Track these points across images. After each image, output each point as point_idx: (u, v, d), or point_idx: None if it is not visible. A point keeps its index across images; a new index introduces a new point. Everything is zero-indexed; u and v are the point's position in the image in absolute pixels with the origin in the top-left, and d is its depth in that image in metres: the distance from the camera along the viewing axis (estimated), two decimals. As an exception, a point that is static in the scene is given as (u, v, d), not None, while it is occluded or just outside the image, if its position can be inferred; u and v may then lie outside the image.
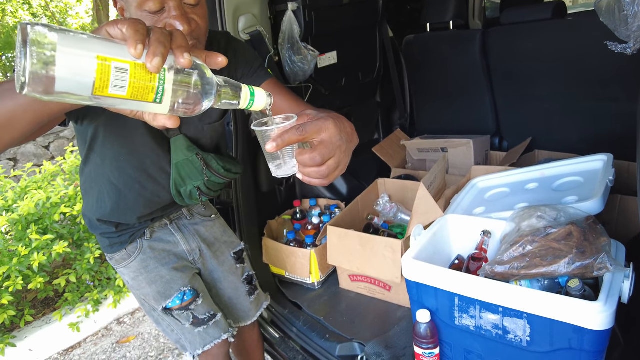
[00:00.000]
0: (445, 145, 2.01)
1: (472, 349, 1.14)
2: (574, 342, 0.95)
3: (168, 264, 1.20)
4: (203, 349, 1.24)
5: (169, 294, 1.19)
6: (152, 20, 0.83)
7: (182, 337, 1.25)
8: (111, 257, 1.18)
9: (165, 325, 1.25)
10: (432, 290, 1.12)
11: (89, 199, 1.12)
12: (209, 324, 1.24)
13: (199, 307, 1.23)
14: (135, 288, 1.21)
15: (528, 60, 1.88)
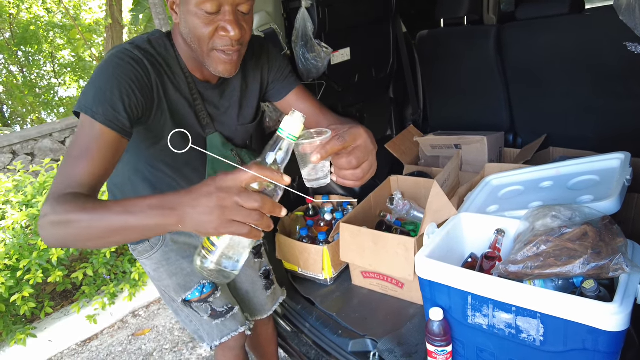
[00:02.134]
0: (459, 141, 2.00)
1: (485, 348, 1.14)
2: (588, 343, 0.95)
3: (189, 257, 1.23)
4: (220, 341, 1.27)
5: (188, 286, 1.22)
6: (206, 19, 0.88)
7: (200, 328, 1.28)
8: (134, 248, 1.21)
9: (184, 316, 1.29)
10: (446, 288, 1.13)
11: (119, 193, 1.15)
12: (227, 316, 1.27)
13: (217, 299, 1.26)
14: (157, 279, 1.24)
15: (544, 56, 1.85)
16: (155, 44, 0.96)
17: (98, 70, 0.88)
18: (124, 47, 0.91)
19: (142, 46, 0.93)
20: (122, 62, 0.87)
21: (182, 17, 0.92)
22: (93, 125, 0.81)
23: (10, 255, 2.06)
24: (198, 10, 0.87)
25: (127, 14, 8.13)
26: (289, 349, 1.58)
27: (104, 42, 9.25)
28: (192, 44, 0.93)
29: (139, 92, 0.88)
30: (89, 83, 0.87)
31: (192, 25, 0.90)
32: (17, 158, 4.10)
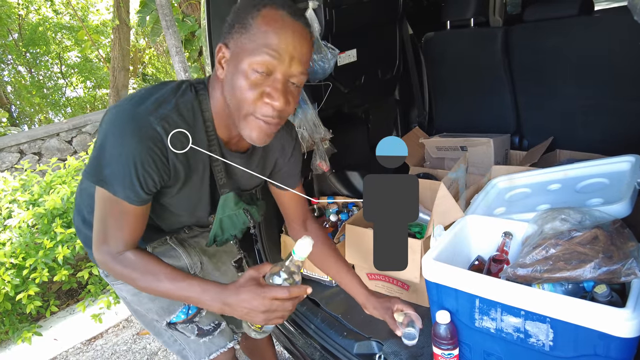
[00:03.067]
0: (465, 143, 1.99)
1: (492, 352, 1.13)
2: (599, 349, 0.93)
3: None
4: (209, 358, 1.23)
5: (172, 310, 1.16)
6: (254, 81, 0.84)
7: (185, 347, 1.23)
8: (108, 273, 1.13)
9: (167, 336, 1.22)
10: (453, 291, 1.12)
11: None
12: (214, 333, 1.23)
13: (203, 318, 1.21)
14: (136, 303, 1.16)
15: (552, 58, 1.84)
16: (182, 110, 0.89)
17: (115, 138, 0.83)
18: (147, 120, 0.83)
19: (167, 117, 0.85)
20: (141, 145, 0.82)
21: (229, 74, 0.87)
22: (117, 201, 0.88)
23: (17, 254, 2.07)
24: (249, 70, 0.83)
25: (134, 16, 8.17)
26: (293, 350, 1.57)
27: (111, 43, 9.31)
28: (231, 104, 0.88)
29: (156, 176, 0.87)
30: (104, 151, 0.83)
31: (237, 85, 0.85)
32: (24, 157, 4.12)
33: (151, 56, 11.88)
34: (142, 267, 0.93)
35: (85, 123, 4.55)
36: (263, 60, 0.82)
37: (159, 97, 0.87)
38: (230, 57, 0.87)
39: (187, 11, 7.12)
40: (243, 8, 0.86)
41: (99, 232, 0.93)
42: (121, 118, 0.83)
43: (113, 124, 0.84)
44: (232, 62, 0.86)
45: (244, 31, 0.84)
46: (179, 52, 4.52)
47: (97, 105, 11.23)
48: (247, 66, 0.83)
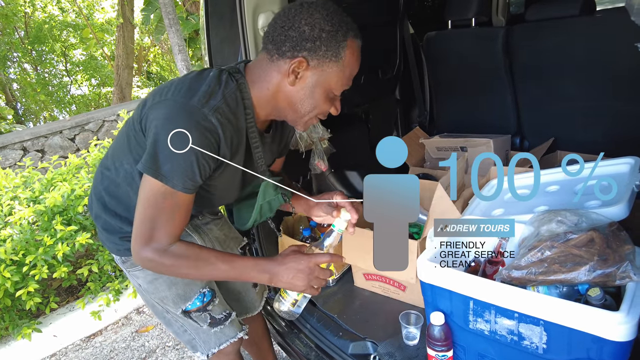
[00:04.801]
0: (465, 144, 1.98)
1: (486, 354, 1.12)
2: (592, 353, 0.93)
3: None
4: (219, 348, 1.26)
5: (188, 296, 1.19)
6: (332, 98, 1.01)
7: (195, 337, 1.26)
8: (127, 259, 1.16)
9: (177, 326, 1.25)
10: (447, 293, 1.11)
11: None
12: (225, 323, 1.26)
13: (216, 307, 1.25)
14: (151, 292, 1.19)
15: (554, 59, 1.82)
16: (229, 100, 0.95)
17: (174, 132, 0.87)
18: (202, 113, 0.89)
19: (219, 108, 0.91)
20: (201, 136, 0.89)
21: (307, 86, 0.97)
22: (174, 194, 0.93)
23: (17, 251, 2.08)
24: (333, 89, 0.98)
25: (138, 14, 8.20)
26: (289, 349, 1.57)
27: (116, 41, 9.35)
28: (301, 108, 1.00)
29: (212, 163, 0.95)
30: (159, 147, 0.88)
31: (317, 98, 0.98)
32: (27, 154, 4.15)
33: (155, 54, 11.93)
34: (193, 256, 0.98)
35: (88, 121, 4.58)
36: (347, 84, 1.00)
37: (206, 89, 0.92)
38: (312, 73, 0.96)
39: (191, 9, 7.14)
40: (333, 33, 0.93)
41: (146, 230, 0.94)
42: (177, 112, 0.89)
43: (168, 118, 0.89)
44: (314, 77, 0.96)
45: (334, 58, 0.95)
46: (181, 50, 4.53)
47: (101, 102, 11.29)
48: (333, 86, 0.98)
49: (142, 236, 0.95)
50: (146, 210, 0.94)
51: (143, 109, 0.97)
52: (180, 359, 2.17)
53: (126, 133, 1.05)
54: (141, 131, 0.97)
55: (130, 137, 1.02)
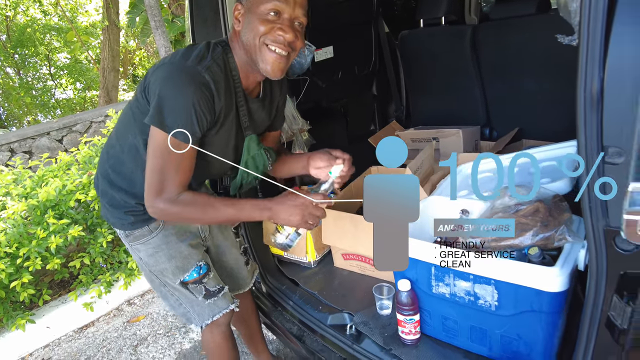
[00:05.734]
0: (437, 135, 2.12)
1: (449, 315, 1.25)
2: (535, 304, 1.06)
3: (185, 240, 1.31)
4: (212, 319, 1.37)
5: (186, 268, 1.31)
6: (268, 21, 1.06)
7: (190, 310, 1.36)
8: (130, 233, 1.26)
9: (173, 300, 1.36)
10: (412, 261, 1.24)
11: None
12: (219, 295, 1.37)
13: (210, 280, 1.35)
14: (151, 264, 1.30)
15: (516, 54, 1.97)
16: (218, 61, 1.08)
17: (174, 89, 1.01)
18: (197, 70, 1.02)
19: (210, 67, 1.05)
20: (197, 90, 1.01)
21: (246, 23, 1.08)
22: (179, 145, 1.03)
23: (10, 244, 2.15)
24: (263, 12, 1.06)
25: (123, 17, 8.22)
26: (272, 326, 1.68)
27: (101, 45, 9.34)
28: (249, 44, 1.09)
29: (209, 116, 1.06)
30: (165, 100, 1.01)
31: (253, 25, 1.07)
32: (15, 156, 4.19)
33: (141, 57, 11.91)
34: (201, 202, 1.10)
35: (75, 122, 4.63)
36: (274, 5, 1.05)
37: (197, 53, 1.06)
38: (244, 11, 1.09)
39: (177, 12, 7.18)
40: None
41: (156, 182, 1.06)
42: (175, 71, 1.02)
43: (168, 77, 1.02)
44: (246, 14, 1.08)
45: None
46: (168, 52, 4.61)
47: (87, 106, 11.22)
48: (261, 10, 1.06)
49: (153, 188, 1.07)
50: (155, 162, 1.06)
51: (145, 81, 1.09)
52: (171, 344, 2.27)
53: (130, 109, 1.17)
54: (145, 99, 1.09)
55: (134, 111, 1.15)
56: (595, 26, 0.73)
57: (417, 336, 1.30)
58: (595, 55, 0.74)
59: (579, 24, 0.75)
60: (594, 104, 0.77)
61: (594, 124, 0.78)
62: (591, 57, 0.75)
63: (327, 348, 1.48)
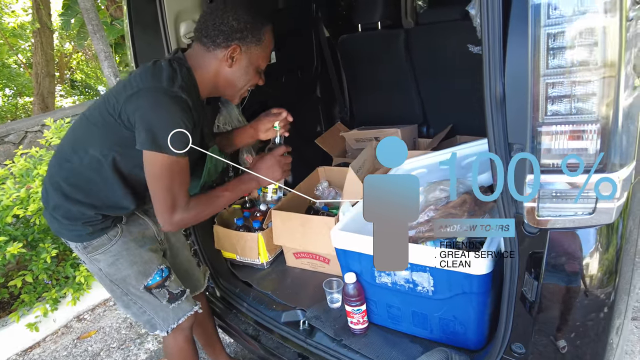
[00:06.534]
0: (378, 134, 2.23)
1: (392, 303, 1.35)
2: (465, 287, 1.18)
3: (145, 245, 1.34)
4: (177, 322, 1.39)
5: (149, 272, 1.33)
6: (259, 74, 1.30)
7: (154, 316, 1.38)
8: (89, 244, 1.27)
9: (136, 308, 1.37)
10: (356, 255, 1.33)
11: (96, 189, 1.23)
12: (182, 298, 1.40)
13: (172, 282, 1.38)
14: (112, 273, 1.31)
15: (446, 56, 2.12)
16: (186, 80, 1.18)
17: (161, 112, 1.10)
18: (174, 91, 1.11)
19: (183, 86, 1.14)
20: (181, 108, 1.11)
21: (241, 67, 1.23)
22: (178, 160, 1.12)
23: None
24: (259, 67, 1.27)
25: (56, 18, 7.78)
26: (228, 328, 1.72)
27: (32, 47, 8.79)
28: (235, 84, 1.27)
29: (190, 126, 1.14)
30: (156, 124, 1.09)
31: (250, 77, 1.27)
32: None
33: (79, 61, 11.31)
34: (205, 201, 1.24)
35: (8, 132, 4.35)
36: (266, 62, 1.30)
37: (167, 75, 1.14)
38: (244, 56, 1.23)
39: (116, 14, 6.90)
40: (254, 23, 1.21)
41: (169, 200, 1.15)
42: (157, 96, 1.10)
43: (154, 103, 1.10)
44: (244, 59, 1.23)
45: (258, 42, 1.23)
46: (108, 56, 4.44)
47: (19, 114, 10.50)
48: (259, 64, 1.27)
49: (167, 206, 1.16)
50: (162, 183, 1.14)
51: (115, 103, 1.13)
52: (125, 357, 2.23)
53: (93, 124, 1.19)
54: (118, 122, 1.13)
55: (99, 127, 1.17)
56: (494, 39, 0.83)
57: (364, 325, 1.38)
58: (497, 64, 0.85)
59: (481, 37, 0.86)
60: (499, 106, 0.88)
61: (500, 124, 0.89)
62: (493, 65, 0.86)
63: (283, 345, 1.54)
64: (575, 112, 0.76)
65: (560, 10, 0.72)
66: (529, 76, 0.76)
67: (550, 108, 0.77)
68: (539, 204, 0.81)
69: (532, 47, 0.75)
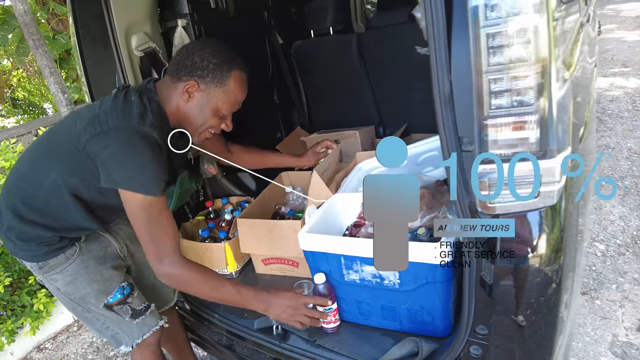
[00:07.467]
0: (337, 137, 2.27)
1: (362, 299, 1.38)
2: (429, 277, 1.23)
3: (106, 263, 1.32)
4: (142, 338, 1.36)
5: (109, 291, 1.30)
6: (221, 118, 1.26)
7: (118, 331, 1.35)
8: (44, 264, 1.24)
9: (99, 324, 1.34)
10: (324, 255, 1.35)
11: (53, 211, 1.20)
12: (146, 313, 1.37)
13: (135, 299, 1.36)
14: (70, 292, 1.28)
15: (397, 57, 2.20)
16: (156, 114, 1.18)
17: (134, 154, 1.09)
18: (146, 131, 1.11)
19: (154, 123, 1.15)
20: (153, 149, 1.11)
21: (200, 104, 1.21)
22: (157, 200, 1.11)
23: None
24: (222, 110, 1.23)
25: (-8, 34, 7.33)
26: (201, 341, 1.69)
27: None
28: (191, 121, 1.24)
29: (165, 167, 1.14)
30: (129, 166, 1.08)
31: (207, 117, 1.23)
32: None
33: (20, 78, 10.72)
34: (207, 276, 1.19)
35: None
36: (233, 110, 1.27)
37: (138, 112, 1.13)
38: (201, 94, 1.21)
39: (58, 28, 6.62)
40: (218, 65, 1.19)
41: (153, 245, 1.12)
42: (127, 136, 1.09)
43: (125, 142, 1.09)
44: (203, 98, 1.21)
45: (220, 85, 1.21)
46: (53, 72, 4.25)
47: (-44, 138, 9.78)
48: (219, 106, 1.23)
49: (151, 251, 1.13)
50: (143, 225, 1.12)
51: (81, 136, 1.11)
52: (93, 383, 2.14)
53: (55, 145, 1.17)
54: (87, 157, 1.11)
55: (61, 154, 1.15)
56: (439, 41, 0.89)
57: (337, 324, 1.41)
58: (443, 64, 0.91)
59: (427, 39, 0.91)
60: (447, 103, 0.93)
61: (449, 120, 0.95)
62: (440, 65, 0.91)
63: (257, 351, 1.54)
64: (517, 105, 0.82)
65: (496, 12, 0.78)
66: (472, 74, 0.82)
67: (494, 102, 0.83)
68: (489, 192, 0.87)
69: (473, 46, 0.80)
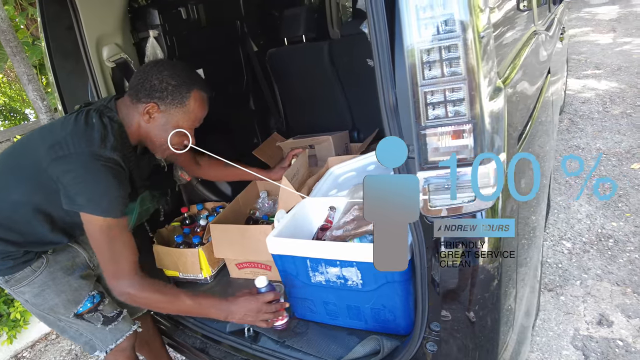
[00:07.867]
0: (312, 142, 2.33)
1: (328, 300, 1.44)
2: (388, 277, 1.29)
3: (74, 273, 1.34)
4: (116, 343, 1.39)
5: (79, 300, 1.33)
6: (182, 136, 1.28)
7: (92, 337, 1.38)
8: (10, 277, 1.25)
9: (72, 331, 1.37)
10: (291, 258, 1.40)
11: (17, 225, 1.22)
12: (119, 319, 1.40)
13: (107, 306, 1.38)
14: (39, 304, 1.30)
15: (365, 65, 2.26)
16: (117, 136, 1.19)
17: (96, 178, 1.11)
18: (107, 155, 1.13)
19: (115, 146, 1.16)
20: (114, 172, 1.14)
21: (162, 123, 1.25)
22: (118, 222, 1.14)
23: None
24: (184, 129, 1.27)
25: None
26: (176, 345, 1.73)
27: (-55, 75, 8.11)
28: (153, 140, 1.28)
29: (127, 188, 1.19)
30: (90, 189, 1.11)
31: (168, 133, 1.25)
32: None
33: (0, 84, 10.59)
34: (164, 292, 1.23)
35: None
36: (194, 127, 1.32)
37: (99, 135, 1.15)
38: (162, 115, 1.24)
39: (37, 33, 6.55)
40: (177, 86, 1.23)
41: (112, 266, 1.16)
42: (88, 160, 1.11)
43: (84, 168, 1.11)
44: (164, 118, 1.25)
45: (180, 105, 1.25)
46: (32, 79, 4.21)
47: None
48: (181, 126, 1.27)
49: (109, 271, 1.17)
50: (102, 247, 1.15)
51: (43, 159, 1.13)
52: (72, 390, 2.15)
53: (19, 166, 1.19)
54: (49, 179, 1.13)
55: (27, 175, 1.17)
56: (383, 55, 0.95)
57: (285, 320, 1.47)
58: (387, 76, 0.97)
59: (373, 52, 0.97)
60: (393, 113, 0.99)
61: (395, 128, 1.01)
62: (384, 78, 0.97)
63: (230, 354, 1.58)
64: (452, 115, 0.89)
65: (428, 31, 0.85)
66: (408, 86, 0.88)
67: (432, 113, 0.90)
68: (430, 196, 0.93)
69: (408, 61, 0.87)
